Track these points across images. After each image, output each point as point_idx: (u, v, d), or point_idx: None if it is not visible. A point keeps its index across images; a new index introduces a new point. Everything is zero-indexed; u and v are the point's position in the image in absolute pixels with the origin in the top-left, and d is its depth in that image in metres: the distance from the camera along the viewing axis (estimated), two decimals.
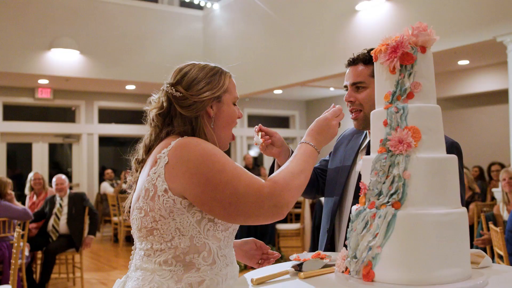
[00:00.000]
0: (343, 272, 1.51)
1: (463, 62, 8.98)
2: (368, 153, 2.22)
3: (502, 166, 7.75)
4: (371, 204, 1.43)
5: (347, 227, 2.17)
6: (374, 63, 1.57)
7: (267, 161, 13.55)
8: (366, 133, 2.33)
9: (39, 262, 7.09)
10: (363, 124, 2.17)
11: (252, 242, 2.02)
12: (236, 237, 1.79)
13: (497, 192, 6.10)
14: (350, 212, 2.17)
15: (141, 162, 1.75)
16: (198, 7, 11.09)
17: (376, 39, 6.31)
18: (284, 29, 9.14)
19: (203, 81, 1.71)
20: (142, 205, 1.62)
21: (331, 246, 2.28)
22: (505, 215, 5.21)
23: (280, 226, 8.66)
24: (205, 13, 11.09)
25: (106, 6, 10.04)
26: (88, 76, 10.02)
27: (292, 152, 2.24)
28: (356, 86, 2.18)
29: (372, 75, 2.14)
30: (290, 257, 1.81)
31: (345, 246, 1.57)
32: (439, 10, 6.67)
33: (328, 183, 2.40)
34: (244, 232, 8.26)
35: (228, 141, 1.80)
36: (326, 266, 1.67)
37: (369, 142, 2.26)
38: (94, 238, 7.10)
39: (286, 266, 1.80)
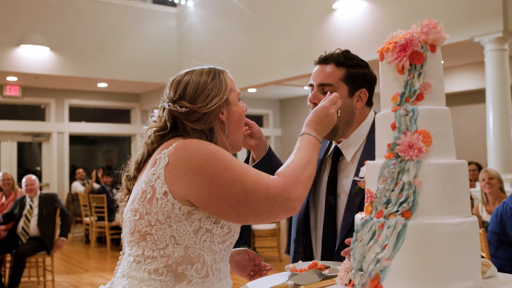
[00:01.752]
0: (346, 285, 1.42)
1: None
2: (334, 159, 2.15)
3: (479, 166, 7.79)
4: (378, 213, 1.34)
5: (323, 236, 2.10)
6: (380, 62, 1.47)
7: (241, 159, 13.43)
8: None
9: (8, 265, 6.86)
10: (332, 134, 2.04)
11: (244, 253, 1.93)
12: None
13: (474, 193, 6.11)
14: (324, 222, 2.10)
15: (132, 179, 1.64)
16: (172, 4, 10.92)
17: (353, 38, 6.27)
18: (260, 27, 9.04)
19: (206, 88, 1.60)
20: (137, 207, 1.52)
21: (308, 255, 2.19)
22: (484, 216, 5.21)
23: (256, 227, 8.57)
24: (179, 10, 10.93)
25: (77, 1, 9.81)
26: (58, 74, 9.77)
27: (270, 148, 2.15)
28: (324, 88, 2.05)
29: (343, 79, 2.04)
30: (286, 268, 1.71)
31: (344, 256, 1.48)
32: (416, 10, 6.65)
33: None
34: None
35: (241, 141, 1.72)
36: (326, 278, 1.57)
37: (335, 147, 2.17)
38: (65, 240, 6.91)
39: (284, 276, 1.71)
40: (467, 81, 9.79)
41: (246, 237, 8.43)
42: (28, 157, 12.19)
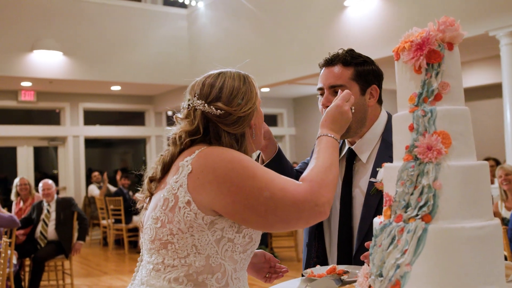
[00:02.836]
0: None
1: None
2: (349, 161, 2.12)
3: (497, 162, 7.67)
4: (397, 218, 1.31)
5: (338, 239, 2.07)
6: (396, 62, 1.43)
7: None
8: (344, 140, 2.21)
9: (27, 269, 6.91)
10: (344, 133, 1.98)
11: (261, 255, 1.90)
12: None
13: (493, 189, 6.03)
14: (340, 225, 2.07)
15: (155, 181, 1.60)
16: (182, 5, 10.91)
17: (365, 36, 6.22)
18: (271, 26, 9.01)
19: (240, 93, 1.57)
20: (159, 215, 1.50)
21: (321, 259, 2.15)
22: (504, 213, 5.14)
23: None
24: (189, 11, 10.93)
25: (88, 6, 9.83)
26: (72, 78, 9.82)
27: (279, 149, 2.12)
28: (335, 89, 2.01)
29: (353, 78, 2.01)
30: (303, 273, 1.68)
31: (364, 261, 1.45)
32: (430, 5, 6.57)
33: None
34: None
35: (261, 144, 1.71)
36: (344, 283, 1.54)
37: (348, 149, 2.14)
38: (83, 244, 6.94)
39: (301, 281, 1.68)
40: (483, 76, 9.67)
41: (263, 237, 8.39)
42: (45, 161, 12.27)
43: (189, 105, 1.59)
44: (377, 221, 1.38)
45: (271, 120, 14.01)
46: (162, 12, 10.82)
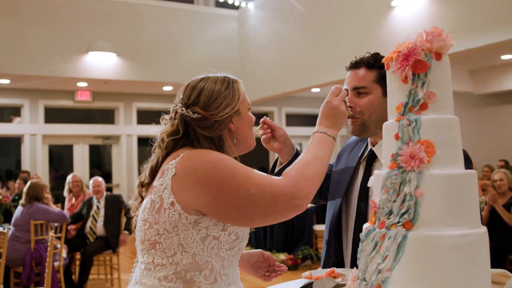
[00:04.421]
0: None
1: (506, 57, 8.66)
2: (369, 162, 2.15)
3: None
4: (381, 224, 1.34)
5: (353, 241, 2.10)
6: (386, 71, 1.46)
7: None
8: (368, 142, 2.25)
9: (78, 263, 7.19)
10: (359, 130, 2.09)
11: (259, 255, 1.96)
12: (273, 238, 1.71)
13: None
14: (355, 227, 2.10)
15: (146, 185, 1.68)
16: (233, 6, 11.05)
17: (413, 36, 6.10)
18: (319, 27, 9.01)
19: (219, 97, 1.63)
20: (147, 217, 1.58)
21: (340, 259, 2.19)
22: None
23: (317, 227, 8.54)
24: (240, 12, 11.06)
25: (141, 8, 10.12)
26: (125, 78, 10.13)
27: (297, 151, 2.17)
28: (358, 91, 2.09)
29: (376, 81, 2.07)
30: (302, 275, 1.73)
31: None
32: (480, 4, 6.42)
33: (330, 191, 2.33)
34: (281, 233, 8.17)
35: (252, 144, 1.74)
36: (338, 286, 1.58)
37: (370, 151, 2.18)
38: (128, 234, 7.11)
39: (299, 283, 1.73)
40: None
41: (307, 238, 8.40)
42: (101, 159, 12.67)
43: (173, 107, 1.67)
44: (365, 226, 1.41)
45: None
46: (213, 14, 11.00)
